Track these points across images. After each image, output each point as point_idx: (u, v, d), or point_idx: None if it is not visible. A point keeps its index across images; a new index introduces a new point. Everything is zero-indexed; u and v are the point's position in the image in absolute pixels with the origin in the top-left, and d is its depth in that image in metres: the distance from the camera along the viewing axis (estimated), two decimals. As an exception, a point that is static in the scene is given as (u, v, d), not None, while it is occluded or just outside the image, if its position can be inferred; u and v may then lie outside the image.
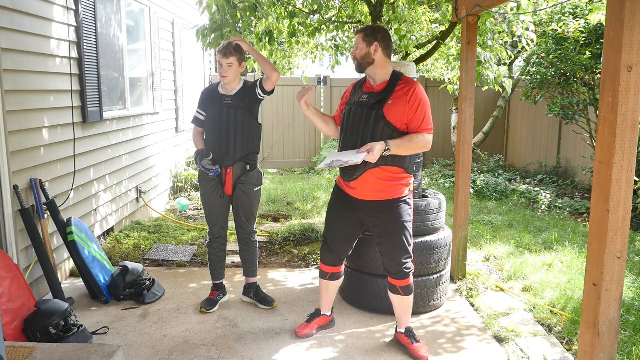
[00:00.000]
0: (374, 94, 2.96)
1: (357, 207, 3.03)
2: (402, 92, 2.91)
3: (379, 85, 2.98)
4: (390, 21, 5.25)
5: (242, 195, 3.51)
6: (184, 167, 7.68)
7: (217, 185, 3.51)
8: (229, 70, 3.39)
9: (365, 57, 2.94)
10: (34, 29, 3.69)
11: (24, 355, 2.24)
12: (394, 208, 2.95)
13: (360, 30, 2.99)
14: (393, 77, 2.98)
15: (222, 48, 3.39)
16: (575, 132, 7.48)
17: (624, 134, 2.03)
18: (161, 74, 6.62)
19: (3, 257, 2.99)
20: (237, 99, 3.45)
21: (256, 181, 3.55)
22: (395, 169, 2.93)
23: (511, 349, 3.11)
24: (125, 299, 3.76)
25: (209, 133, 3.51)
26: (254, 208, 3.61)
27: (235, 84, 3.48)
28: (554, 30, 6.58)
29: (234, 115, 3.42)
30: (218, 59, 3.43)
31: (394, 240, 2.96)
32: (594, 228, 2.16)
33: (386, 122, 2.87)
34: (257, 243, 3.72)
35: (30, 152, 3.64)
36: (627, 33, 1.97)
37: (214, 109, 3.47)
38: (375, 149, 2.76)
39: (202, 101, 3.57)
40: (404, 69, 3.67)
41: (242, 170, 3.50)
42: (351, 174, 2.96)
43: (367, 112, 2.92)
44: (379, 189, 2.94)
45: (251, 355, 3.03)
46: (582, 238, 5.17)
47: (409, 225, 3.00)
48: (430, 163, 10.13)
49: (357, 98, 3.03)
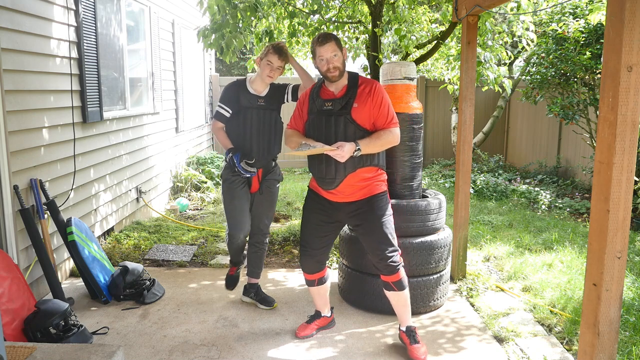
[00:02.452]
0: (337, 100, 2.92)
1: (336, 210, 3.03)
2: (365, 93, 2.89)
3: (340, 90, 2.95)
4: (390, 21, 5.25)
5: (267, 191, 3.50)
6: (184, 167, 7.68)
7: (245, 183, 3.46)
8: (277, 72, 3.34)
9: (343, 63, 2.91)
10: (34, 29, 3.69)
11: (24, 355, 2.24)
12: (373, 203, 2.96)
13: (327, 39, 2.87)
14: (351, 80, 2.96)
15: (279, 49, 3.30)
16: (575, 132, 7.48)
17: (624, 134, 2.03)
18: (161, 74, 6.62)
19: (3, 257, 2.99)
20: (269, 101, 3.42)
21: (278, 177, 3.58)
22: (371, 168, 2.94)
23: (511, 349, 3.11)
24: (125, 299, 3.76)
25: (239, 133, 3.39)
26: (275, 205, 3.61)
27: (267, 85, 3.44)
28: (554, 30, 6.58)
29: (264, 117, 3.40)
30: (269, 59, 3.29)
31: (377, 235, 2.96)
32: (594, 228, 2.16)
33: (356, 126, 2.87)
34: (267, 245, 3.70)
35: (30, 152, 3.64)
36: (627, 33, 1.97)
37: (246, 109, 3.38)
38: (345, 147, 2.74)
39: (230, 97, 3.42)
40: (404, 69, 3.67)
41: (269, 167, 3.51)
42: (330, 183, 2.94)
43: (335, 119, 2.88)
44: (358, 189, 2.95)
45: (251, 355, 3.03)
46: (582, 238, 5.17)
47: (390, 219, 3.01)
48: (430, 163, 10.13)
49: (318, 106, 2.97)
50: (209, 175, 7.78)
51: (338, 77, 2.90)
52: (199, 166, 8.01)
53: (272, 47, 3.33)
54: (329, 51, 2.86)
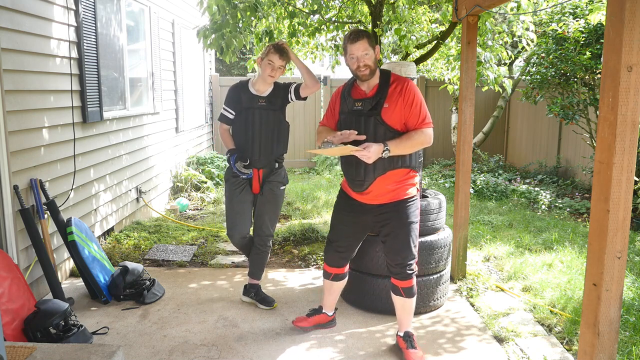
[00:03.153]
0: (367, 100, 2.85)
1: (365, 212, 2.99)
2: (396, 92, 2.82)
3: (372, 89, 2.88)
4: (390, 21, 5.25)
5: (269, 193, 3.48)
6: (184, 167, 7.68)
7: (245, 184, 3.47)
8: (278, 71, 3.34)
9: (375, 62, 2.83)
10: (34, 29, 3.69)
11: (24, 355, 2.24)
12: (402, 209, 2.91)
13: (360, 36, 2.81)
14: (382, 78, 2.89)
15: (280, 49, 3.30)
16: (575, 132, 7.48)
17: (624, 134, 2.03)
18: (161, 74, 6.62)
19: (3, 257, 2.99)
20: (270, 101, 3.42)
21: (283, 179, 3.55)
22: (401, 170, 2.88)
23: (511, 349, 3.11)
24: (125, 299, 3.76)
25: (241, 134, 3.43)
26: (279, 208, 3.58)
27: (269, 85, 3.45)
28: (554, 30, 6.58)
29: (267, 117, 3.40)
30: (270, 58, 3.30)
31: (400, 241, 2.92)
32: (594, 228, 2.16)
33: (387, 127, 2.80)
34: (270, 248, 3.68)
35: (30, 152, 3.64)
36: (627, 33, 1.97)
37: (247, 110, 3.40)
38: (372, 148, 2.67)
39: (232, 99, 3.46)
40: (404, 69, 3.67)
41: (272, 168, 3.49)
42: (359, 185, 2.90)
43: (364, 120, 2.82)
44: (388, 192, 2.90)
45: (251, 355, 3.03)
46: (582, 238, 5.17)
47: (416, 226, 2.96)
48: (430, 163, 10.13)
49: (349, 106, 2.91)
50: (209, 175, 7.78)
51: (369, 75, 2.83)
52: (199, 166, 8.01)
53: (272, 47, 3.33)
54: (360, 49, 2.79)
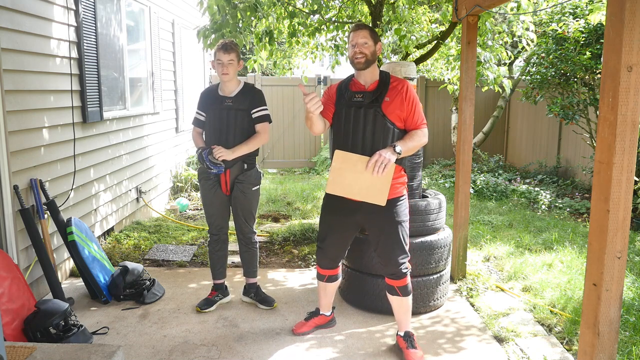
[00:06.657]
0: (368, 93, 2.92)
1: (354, 211, 3.00)
2: (397, 90, 2.90)
3: (372, 84, 2.95)
4: (390, 21, 5.25)
5: (240, 194, 3.51)
6: (184, 167, 7.68)
7: (215, 184, 3.53)
8: (230, 66, 3.38)
9: (373, 54, 2.91)
10: (34, 29, 3.69)
11: (24, 355, 2.24)
12: (392, 207, 2.94)
13: (362, 27, 2.92)
14: (383, 75, 2.98)
15: (223, 45, 3.37)
16: (575, 132, 7.48)
17: (624, 134, 2.03)
18: (161, 74, 6.62)
19: (3, 257, 2.99)
20: (237, 101, 3.45)
21: (254, 180, 3.55)
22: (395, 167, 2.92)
23: (511, 349, 3.11)
24: (125, 299, 3.76)
25: (210, 134, 3.51)
26: (253, 208, 3.60)
27: (235, 84, 3.48)
28: (554, 30, 6.58)
29: (234, 117, 3.43)
30: (217, 57, 3.39)
31: (392, 240, 2.95)
32: (594, 228, 2.16)
33: (386, 120, 2.86)
34: (257, 244, 3.71)
35: (30, 152, 3.64)
36: (627, 33, 1.97)
37: (214, 111, 3.47)
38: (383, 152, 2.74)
39: (202, 102, 3.58)
40: (404, 69, 3.67)
41: (240, 169, 3.50)
42: None
43: (364, 111, 2.89)
44: None
45: (251, 355, 3.03)
46: (582, 238, 5.17)
47: (406, 224, 3.00)
48: (430, 163, 10.13)
49: (348, 98, 2.97)
50: (209, 175, 7.77)
51: (364, 65, 2.89)
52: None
53: (217, 46, 3.44)
54: (360, 36, 2.87)
